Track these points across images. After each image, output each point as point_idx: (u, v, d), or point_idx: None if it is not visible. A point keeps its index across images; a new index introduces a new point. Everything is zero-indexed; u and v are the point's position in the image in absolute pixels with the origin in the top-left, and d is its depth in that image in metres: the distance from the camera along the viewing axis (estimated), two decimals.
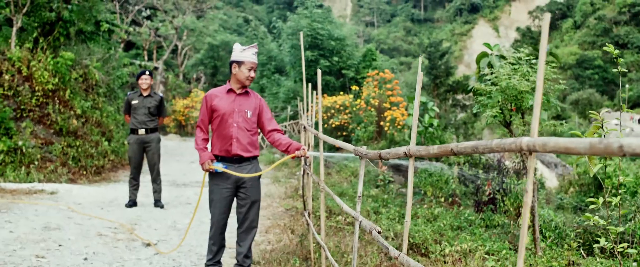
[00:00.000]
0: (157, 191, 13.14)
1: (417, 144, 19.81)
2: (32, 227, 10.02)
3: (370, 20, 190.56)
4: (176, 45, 59.15)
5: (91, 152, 17.68)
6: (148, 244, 9.45)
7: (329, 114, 25.96)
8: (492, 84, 8.72)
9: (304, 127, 8.59)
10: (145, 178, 15.67)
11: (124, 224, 10.87)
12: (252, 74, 7.09)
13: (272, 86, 43.06)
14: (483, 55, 12.29)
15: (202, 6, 61.66)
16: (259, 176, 7.31)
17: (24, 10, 18.12)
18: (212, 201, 7.31)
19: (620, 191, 16.69)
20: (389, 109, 25.08)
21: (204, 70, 61.58)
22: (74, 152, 16.99)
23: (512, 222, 11.28)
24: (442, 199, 13.96)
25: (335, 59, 33.45)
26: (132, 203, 12.95)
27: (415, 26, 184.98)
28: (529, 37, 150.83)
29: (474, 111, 9.39)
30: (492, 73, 8.79)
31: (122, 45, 42.06)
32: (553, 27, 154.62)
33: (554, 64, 8.79)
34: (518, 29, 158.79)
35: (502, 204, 11.91)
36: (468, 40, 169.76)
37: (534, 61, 8.69)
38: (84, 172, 16.93)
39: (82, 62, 19.63)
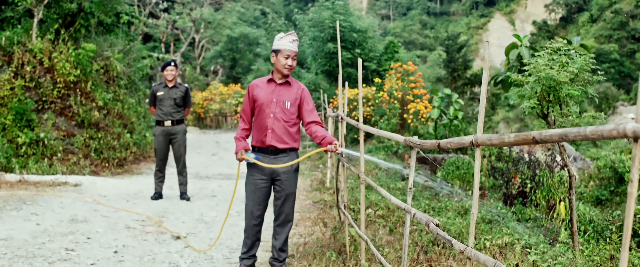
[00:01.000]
0: (183, 184, 12.99)
1: (441, 137, 19.65)
2: (58, 220, 9.92)
3: (386, 14, 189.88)
4: (193, 38, 59.07)
5: (113, 144, 17.58)
6: (178, 237, 9.32)
7: (351, 107, 25.78)
8: (530, 74, 8.51)
9: (341, 118, 8.38)
10: (169, 170, 15.55)
11: (151, 216, 10.75)
12: (290, 62, 6.88)
13: (295, 79, 42.56)
14: (512, 46, 12.12)
15: None
16: (296, 169, 7.11)
17: (45, 2, 17.99)
18: (247, 191, 7.16)
19: None
20: (412, 101, 24.88)
21: (223, 63, 61.47)
22: (95, 145, 16.89)
23: (544, 216, 11.08)
24: (470, 192, 13.78)
25: (358, 51, 33.23)
26: (157, 195, 12.83)
27: (431, 19, 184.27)
28: (545, 31, 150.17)
29: (511, 103, 9.18)
30: (529, 63, 8.57)
31: (140, 37, 42.02)
32: (569, 20, 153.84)
33: (592, 56, 8.56)
34: (534, 22, 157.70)
35: (534, 198, 11.70)
36: (484, 33, 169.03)
37: (571, 52, 8.48)
38: (106, 165, 16.84)
39: (103, 53, 19.51)
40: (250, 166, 7.08)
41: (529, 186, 12.20)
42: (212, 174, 17.76)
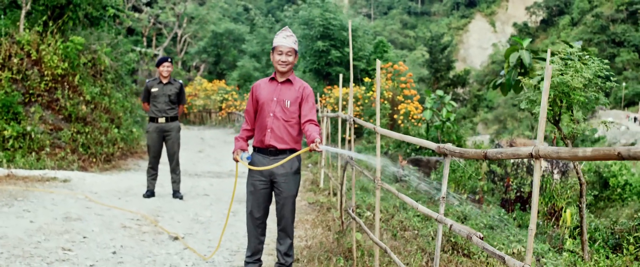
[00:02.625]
0: (176, 182, 12.76)
1: (432, 139, 19.50)
2: (52, 217, 9.65)
3: (367, 12, 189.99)
4: (176, 33, 58.76)
5: (101, 139, 17.31)
6: (176, 238, 9.10)
7: (340, 106, 25.60)
8: (542, 79, 8.35)
9: (353, 120, 8.15)
10: (161, 168, 15.31)
11: (146, 215, 10.52)
12: (284, 58, 6.67)
13: None
14: (513, 49, 12.02)
15: None
16: (296, 171, 6.88)
17: None
18: (247, 192, 6.96)
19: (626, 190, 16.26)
20: (403, 102, 24.72)
21: (207, 58, 61.19)
22: (83, 139, 16.64)
23: (546, 222, 10.94)
24: (465, 196, 13.64)
25: (347, 50, 33.02)
26: (150, 193, 12.60)
27: (411, 19, 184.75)
28: (526, 33, 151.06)
29: (522, 107, 9.00)
30: (540, 67, 8.43)
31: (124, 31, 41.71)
32: (550, 23, 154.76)
33: (606, 62, 8.42)
34: (515, 24, 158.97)
35: (540, 203, 11.55)
36: (464, 34, 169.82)
37: (586, 57, 8.33)
38: (94, 160, 16.60)
39: (90, 47, 19.23)
40: (251, 164, 6.85)
41: (527, 191, 12.06)
42: (201, 172, 17.59)
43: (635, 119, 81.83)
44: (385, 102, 24.56)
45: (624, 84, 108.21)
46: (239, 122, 38.39)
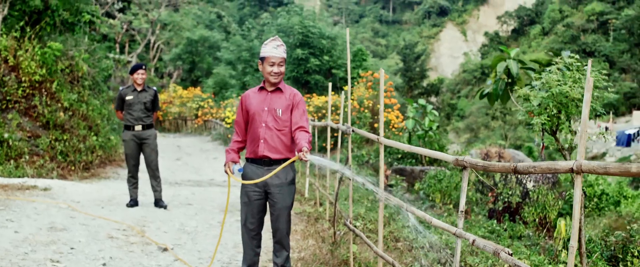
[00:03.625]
0: (157, 190, 12.56)
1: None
2: (37, 228, 9.44)
3: (338, 20, 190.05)
4: (149, 40, 58.42)
5: (79, 147, 17.06)
6: (165, 249, 8.92)
7: (319, 114, 25.45)
8: (540, 89, 8.25)
9: (353, 130, 8.01)
10: (141, 176, 15.07)
11: (133, 226, 10.33)
12: (276, 69, 6.49)
13: (258, 84, 42.14)
14: (500, 59, 11.93)
15: (177, 0, 60.95)
16: (291, 182, 6.70)
17: None
18: (241, 203, 6.80)
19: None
20: (384, 111, 24.63)
21: (182, 65, 60.92)
22: (61, 147, 16.40)
23: (537, 233, 10.85)
24: (451, 206, 13.54)
25: (326, 58, 33.00)
26: (133, 202, 12.40)
27: (383, 27, 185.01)
28: (497, 42, 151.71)
29: (519, 118, 8.90)
30: (539, 78, 8.33)
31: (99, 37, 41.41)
32: (521, 32, 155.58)
33: (605, 71, 8.33)
34: (486, 33, 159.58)
35: (526, 214, 11.44)
36: (436, 43, 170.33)
37: (585, 67, 8.23)
38: (73, 168, 16.37)
39: (67, 53, 18.95)
40: (243, 177, 6.71)
41: (515, 201, 11.96)
42: (181, 180, 17.42)
43: (606, 128, 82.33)
44: (366, 110, 24.48)
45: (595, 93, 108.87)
46: (216, 130, 38.19)
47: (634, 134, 67.89)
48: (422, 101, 19.15)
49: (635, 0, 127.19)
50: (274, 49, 6.48)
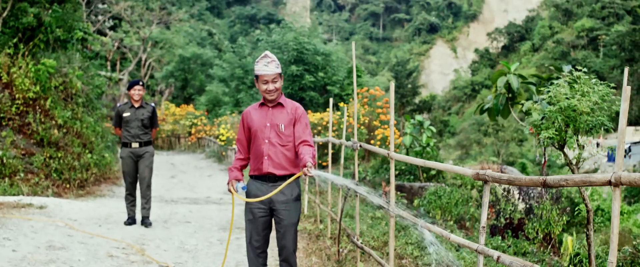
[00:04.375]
0: (145, 208, 12.30)
1: (413, 165, 19.27)
2: (35, 246, 9.26)
3: (329, 38, 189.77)
4: (140, 57, 58.28)
5: (74, 164, 16.86)
6: None
7: (315, 131, 25.32)
8: (549, 103, 8.13)
9: (361, 146, 7.87)
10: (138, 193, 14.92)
11: (132, 244, 10.15)
12: (271, 87, 6.36)
13: (251, 101, 42.32)
14: (500, 74, 11.83)
15: (168, 18, 60.89)
16: (297, 198, 6.53)
17: (4, 15, 17.29)
18: (245, 221, 6.63)
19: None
20: (379, 127, 24.47)
21: (174, 83, 60.76)
22: (56, 164, 16.20)
23: (542, 249, 10.71)
24: (452, 222, 13.41)
25: (321, 74, 32.86)
26: (131, 220, 12.19)
27: (373, 45, 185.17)
28: (487, 59, 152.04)
29: (526, 132, 8.78)
30: (547, 91, 8.20)
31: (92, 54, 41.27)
32: (511, 49, 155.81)
33: (613, 85, 8.20)
34: (476, 50, 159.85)
35: (531, 230, 11.30)
36: (426, 60, 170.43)
37: (593, 81, 8.12)
38: (68, 186, 16.17)
39: (61, 70, 18.78)
40: (247, 194, 6.56)
41: (517, 217, 11.83)
42: (177, 198, 17.25)
43: (597, 144, 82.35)
44: (362, 127, 24.34)
45: None
46: (210, 147, 37.99)
47: (625, 149, 67.94)
48: (419, 117, 19.04)
49: (624, 16, 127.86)
50: (265, 66, 6.35)
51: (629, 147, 68.15)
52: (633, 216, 26.15)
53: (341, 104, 27.09)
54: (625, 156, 66.85)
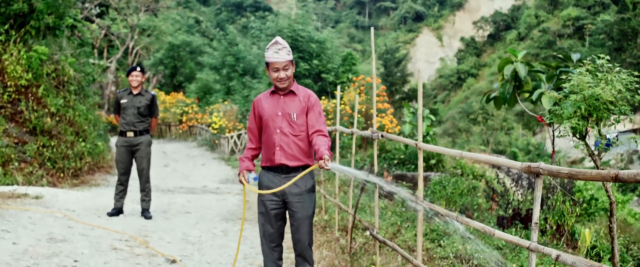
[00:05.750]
0: (145, 200, 12.04)
1: (412, 153, 19.02)
2: (35, 239, 8.95)
3: (315, 26, 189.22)
4: (128, 45, 57.84)
5: (67, 153, 16.54)
6: (173, 261, 8.48)
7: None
8: (571, 92, 7.87)
9: (382, 136, 7.59)
10: (134, 184, 14.58)
11: (135, 236, 9.87)
12: (282, 74, 6.08)
13: (243, 89, 42.01)
14: (506, 61, 11.60)
15: (156, 5, 60.40)
16: (311, 189, 6.26)
17: None
18: (258, 214, 6.37)
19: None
20: (376, 115, 24.17)
21: (164, 71, 60.34)
22: (49, 153, 15.88)
23: (554, 241, 10.48)
24: (457, 212, 13.16)
25: (316, 62, 32.54)
26: (116, 211, 11.85)
27: (359, 33, 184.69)
28: (473, 47, 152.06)
29: (548, 121, 8.51)
30: (569, 80, 7.95)
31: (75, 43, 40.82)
32: (497, 38, 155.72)
33: (636, 74, 7.95)
34: (462, 38, 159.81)
35: (543, 222, 11.05)
36: (412, 48, 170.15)
37: (616, 69, 7.87)
38: (62, 175, 15.85)
39: (53, 57, 18.42)
40: (260, 187, 6.31)
41: (526, 208, 11.59)
42: (174, 188, 17.00)
43: (560, 131, 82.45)
44: (359, 115, 24.09)
45: None
46: (201, 135, 37.70)
47: (613, 138, 68.13)
48: (416, 105, 18.76)
49: (610, 5, 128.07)
50: (275, 53, 6.06)
51: (616, 136, 68.27)
52: (627, 205, 25.99)
53: (336, 92, 26.78)
54: (612, 145, 66.91)
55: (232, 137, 31.30)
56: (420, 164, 6.06)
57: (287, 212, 6.33)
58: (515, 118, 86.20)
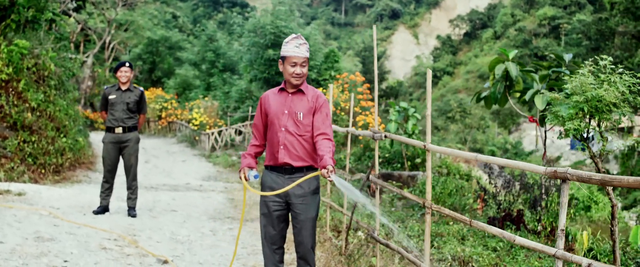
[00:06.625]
0: (131, 198, 11.88)
1: (396, 152, 18.89)
2: (22, 237, 8.75)
3: (298, 22, 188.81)
4: (105, 40, 57.39)
5: (48, 149, 16.29)
6: (165, 261, 8.30)
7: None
8: (573, 93, 7.76)
9: (386, 136, 7.44)
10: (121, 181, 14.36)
11: (123, 235, 9.67)
12: (298, 70, 5.91)
13: (223, 85, 41.70)
14: (497, 61, 11.56)
15: (133, 0, 59.98)
16: (315, 191, 6.10)
17: None
18: (260, 214, 6.22)
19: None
20: (360, 113, 24.01)
21: (142, 66, 59.89)
22: (30, 149, 15.63)
23: (549, 243, 10.37)
24: (468, 218, 13.07)
25: None
26: (102, 209, 11.66)
27: (335, 30, 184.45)
28: (449, 46, 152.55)
29: (548, 123, 8.39)
30: (571, 81, 7.85)
31: (52, 37, 40.44)
32: (473, 36, 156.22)
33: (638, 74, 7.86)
34: (438, 37, 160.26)
35: (536, 223, 10.96)
36: (388, 46, 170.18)
37: (620, 70, 7.77)
38: (43, 171, 15.61)
39: (33, 51, 18.14)
40: (263, 186, 6.16)
41: (516, 208, 11.49)
42: (157, 185, 16.86)
43: (560, 133, 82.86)
44: (342, 113, 23.92)
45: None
46: (181, 131, 37.46)
47: (589, 138, 68.53)
48: (404, 104, 18.59)
49: (586, 5, 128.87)
50: (296, 48, 5.90)
51: (592, 135, 68.62)
52: (608, 206, 26.02)
53: (319, 89, 26.63)
54: (589, 143, 67.32)
55: (212, 133, 31.09)
56: (429, 165, 5.91)
57: (290, 214, 6.19)
58: (491, 117, 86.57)
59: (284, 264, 6.39)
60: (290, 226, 6.19)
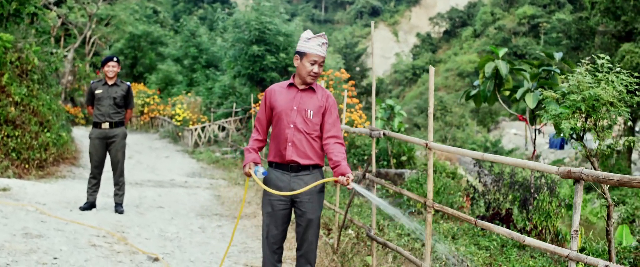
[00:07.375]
0: (118, 194, 11.76)
1: (382, 150, 18.84)
2: (10, 233, 8.61)
3: (282, 18, 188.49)
4: (85, 35, 57.07)
5: (32, 144, 16.14)
6: (155, 259, 8.21)
7: None
8: (569, 92, 7.72)
9: (385, 134, 7.37)
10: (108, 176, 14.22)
11: (112, 232, 9.56)
12: (316, 69, 5.79)
13: (206, 81, 41.47)
14: (488, 59, 11.56)
15: None
16: (321, 189, 6.02)
17: None
18: (263, 213, 6.12)
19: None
20: (345, 110, 23.90)
21: (123, 61, 59.54)
22: (14, 143, 15.48)
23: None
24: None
25: (283, 55, 32.11)
26: (89, 205, 11.54)
27: (315, 26, 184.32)
28: (429, 43, 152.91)
29: (544, 121, 8.36)
30: (568, 79, 7.81)
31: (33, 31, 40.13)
32: (453, 34, 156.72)
33: (637, 74, 7.83)
34: (418, 34, 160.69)
35: (527, 222, 10.93)
36: (368, 43, 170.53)
37: (617, 69, 7.74)
38: (27, 166, 15.47)
39: (16, 45, 17.95)
40: (266, 184, 6.01)
41: (504, 207, 11.47)
42: (142, 181, 16.75)
43: (539, 131, 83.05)
44: None
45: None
46: (164, 127, 37.28)
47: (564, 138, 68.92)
48: (389, 101, 18.57)
49: (565, 4, 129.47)
50: (318, 46, 5.80)
51: (571, 134, 68.90)
52: (589, 204, 26.15)
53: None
54: (566, 143, 67.55)
55: (196, 129, 31.00)
56: (430, 165, 5.84)
57: (294, 212, 6.12)
58: (471, 115, 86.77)
59: (282, 264, 6.28)
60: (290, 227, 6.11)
